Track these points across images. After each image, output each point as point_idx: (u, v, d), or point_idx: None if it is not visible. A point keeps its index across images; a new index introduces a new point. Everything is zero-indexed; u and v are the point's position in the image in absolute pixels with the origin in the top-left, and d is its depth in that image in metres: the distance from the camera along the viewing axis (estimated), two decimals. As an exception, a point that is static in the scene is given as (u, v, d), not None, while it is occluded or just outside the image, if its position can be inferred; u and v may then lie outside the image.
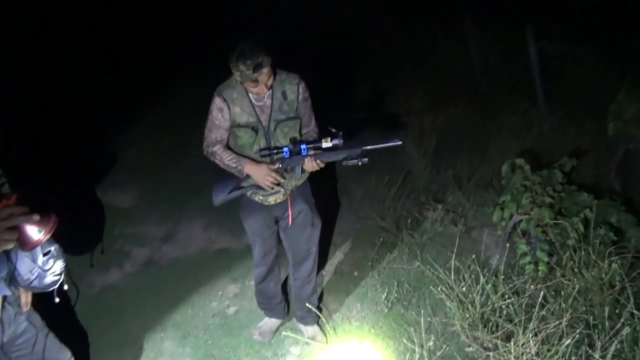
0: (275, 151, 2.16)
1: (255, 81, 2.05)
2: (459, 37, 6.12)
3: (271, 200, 2.36)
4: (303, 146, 2.14)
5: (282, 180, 2.21)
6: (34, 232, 1.33)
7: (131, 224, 3.91)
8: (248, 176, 2.22)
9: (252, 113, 2.19)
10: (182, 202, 4.12)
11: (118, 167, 4.70)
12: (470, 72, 5.88)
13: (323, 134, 2.22)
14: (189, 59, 6.25)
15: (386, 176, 3.92)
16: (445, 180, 4.02)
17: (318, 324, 2.81)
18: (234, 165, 2.22)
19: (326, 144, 2.11)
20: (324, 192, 4.15)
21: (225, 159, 2.24)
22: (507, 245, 3.02)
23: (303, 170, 2.23)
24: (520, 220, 3.10)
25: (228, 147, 2.29)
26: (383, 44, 6.97)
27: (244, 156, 2.25)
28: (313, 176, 2.42)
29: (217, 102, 2.19)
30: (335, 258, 3.43)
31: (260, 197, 2.36)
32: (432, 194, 3.96)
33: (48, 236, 1.34)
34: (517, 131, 4.49)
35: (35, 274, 1.78)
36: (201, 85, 2.39)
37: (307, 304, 2.59)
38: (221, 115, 2.20)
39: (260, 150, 2.17)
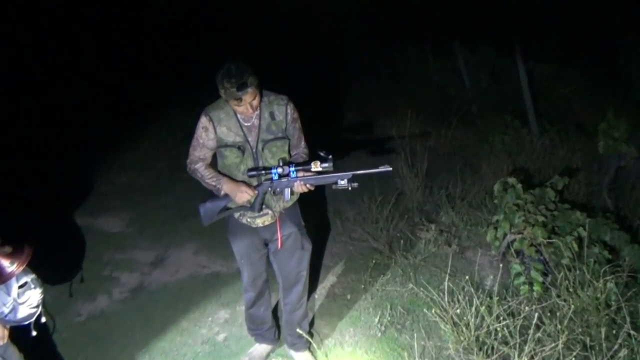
0: (263, 172, 2.16)
1: (239, 99, 2.05)
2: (450, 58, 6.22)
3: (259, 222, 2.33)
4: (292, 169, 2.14)
5: (255, 196, 2.19)
6: (6, 264, 1.30)
7: (121, 249, 3.86)
8: (227, 195, 2.20)
9: (239, 133, 2.19)
10: (172, 227, 4.08)
11: (109, 192, 4.68)
12: (462, 92, 5.94)
13: (313, 155, 2.21)
14: (182, 84, 6.30)
15: (379, 197, 3.90)
16: (439, 200, 4.01)
17: (310, 350, 2.73)
18: (214, 183, 2.24)
19: (316, 167, 2.11)
20: (315, 214, 4.14)
21: (206, 177, 2.26)
22: (502, 265, 2.98)
23: (292, 193, 2.21)
24: (514, 240, 3.07)
25: (211, 166, 2.31)
26: (374, 65, 7.05)
27: (226, 175, 2.25)
28: (303, 197, 2.41)
29: (203, 121, 2.21)
30: (328, 281, 3.38)
31: (248, 219, 2.33)
32: (426, 214, 3.94)
33: (21, 268, 1.30)
34: (508, 150, 4.52)
35: (10, 307, 1.71)
36: (193, 111, 2.40)
37: (298, 330, 2.53)
38: (205, 134, 2.21)
39: (249, 170, 2.17)
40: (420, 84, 6.42)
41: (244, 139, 2.19)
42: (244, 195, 2.17)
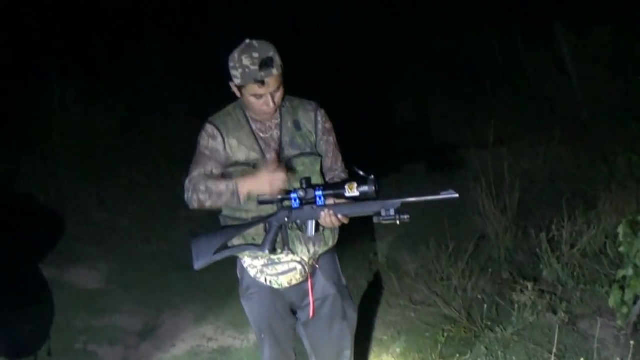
0: (279, 197, 2.16)
1: (261, 83, 2.09)
2: (548, 45, 6.19)
3: (284, 281, 2.35)
4: (318, 193, 2.15)
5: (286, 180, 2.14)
6: None
7: (99, 312, 3.97)
8: (248, 198, 2.17)
9: (254, 147, 2.24)
10: (167, 283, 4.17)
11: (83, 235, 4.82)
12: (567, 91, 5.89)
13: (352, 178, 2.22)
14: (177, 89, 6.49)
15: (451, 242, 3.88)
16: (537, 247, 3.95)
17: None
18: (224, 188, 2.17)
19: (351, 191, 2.10)
20: (361, 267, 4.14)
21: (213, 187, 2.18)
22: (632, 342, 2.90)
23: (318, 228, 2.22)
24: (651, 306, 3.01)
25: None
26: (441, 53, 7.06)
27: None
28: (342, 242, 2.42)
29: (208, 128, 2.26)
30: (381, 362, 3.37)
31: (268, 277, 2.35)
32: (519, 268, 3.91)
33: None
34: (638, 175, 4.42)
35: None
36: (194, 124, 2.48)
37: None
38: (214, 142, 2.25)
39: (259, 195, 2.18)
40: (507, 81, 6.40)
41: (260, 155, 2.24)
42: (275, 184, 2.09)
